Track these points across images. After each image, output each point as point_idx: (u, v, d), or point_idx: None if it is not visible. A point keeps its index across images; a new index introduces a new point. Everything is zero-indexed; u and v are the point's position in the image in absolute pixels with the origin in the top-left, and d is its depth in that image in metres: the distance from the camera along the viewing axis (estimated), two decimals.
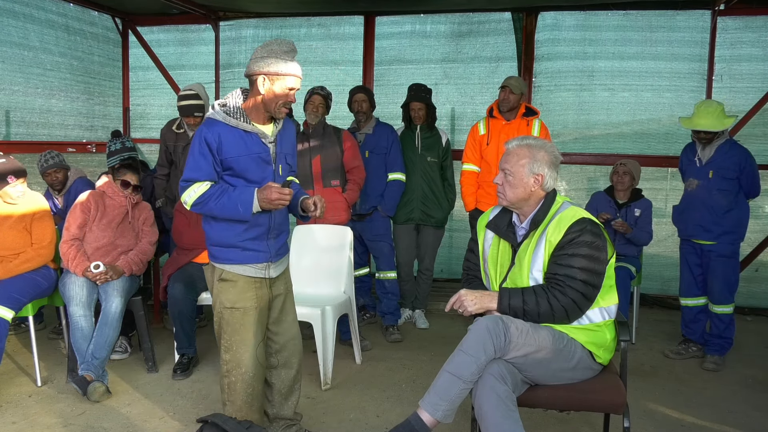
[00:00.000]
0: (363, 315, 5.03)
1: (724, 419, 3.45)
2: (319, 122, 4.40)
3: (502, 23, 5.80)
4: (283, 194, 2.61)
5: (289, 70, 2.62)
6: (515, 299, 2.53)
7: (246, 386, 2.79)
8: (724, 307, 4.27)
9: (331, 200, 4.35)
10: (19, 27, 5.52)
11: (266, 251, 2.78)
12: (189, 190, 2.66)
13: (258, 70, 2.61)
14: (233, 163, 2.65)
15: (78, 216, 3.88)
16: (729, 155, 4.15)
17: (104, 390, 3.53)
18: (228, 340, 2.78)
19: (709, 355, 4.30)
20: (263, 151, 2.70)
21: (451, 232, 5.99)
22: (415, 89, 4.87)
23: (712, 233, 4.21)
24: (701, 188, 4.25)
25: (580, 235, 2.49)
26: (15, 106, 5.61)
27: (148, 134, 6.68)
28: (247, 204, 2.62)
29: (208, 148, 2.62)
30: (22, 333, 4.62)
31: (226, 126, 2.65)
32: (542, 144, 2.66)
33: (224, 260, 2.75)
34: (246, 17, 6.33)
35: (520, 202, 2.63)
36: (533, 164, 2.60)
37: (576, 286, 2.47)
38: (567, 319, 2.52)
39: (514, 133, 4.58)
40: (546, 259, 2.54)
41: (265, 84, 2.62)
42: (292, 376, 3.01)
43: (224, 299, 2.76)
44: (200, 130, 2.66)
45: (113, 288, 3.77)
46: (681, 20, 5.49)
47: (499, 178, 2.68)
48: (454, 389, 2.39)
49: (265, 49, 2.63)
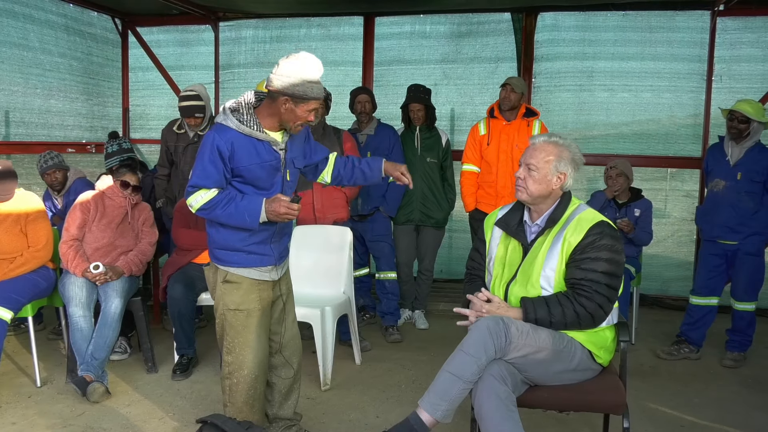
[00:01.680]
0: (363, 315, 5.03)
1: (724, 419, 3.45)
2: (319, 123, 4.40)
3: (502, 24, 5.80)
4: (291, 209, 2.58)
5: (314, 95, 2.54)
6: (541, 311, 2.51)
7: (248, 388, 2.78)
8: (747, 305, 4.27)
9: (331, 197, 4.36)
10: (19, 27, 5.52)
11: (270, 254, 2.77)
12: (196, 195, 2.61)
13: (283, 90, 2.52)
14: (244, 172, 2.62)
15: (77, 216, 3.88)
16: (759, 159, 4.15)
17: (104, 390, 3.53)
18: (231, 342, 2.76)
19: (729, 351, 4.31)
20: (274, 159, 2.66)
21: (450, 233, 5.99)
22: (414, 90, 4.87)
23: (740, 234, 4.20)
24: (728, 189, 4.22)
25: (601, 238, 2.50)
26: (14, 106, 5.61)
27: (147, 135, 6.67)
28: (254, 214, 2.59)
29: (220, 155, 2.56)
30: (22, 333, 4.61)
31: (239, 134, 2.58)
32: (568, 144, 2.66)
33: (229, 263, 2.73)
34: (245, 18, 6.32)
35: (539, 199, 2.63)
36: (559, 162, 2.60)
37: (602, 290, 2.48)
38: (593, 324, 2.53)
39: (515, 133, 4.59)
40: (563, 258, 2.54)
41: (287, 105, 2.54)
42: (292, 375, 3.01)
43: (228, 301, 2.74)
44: (212, 137, 2.57)
45: (113, 289, 3.77)
46: (680, 21, 5.49)
47: (521, 173, 2.66)
48: (454, 389, 2.39)
49: (294, 69, 2.51)
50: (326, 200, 4.36)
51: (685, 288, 5.66)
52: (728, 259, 4.31)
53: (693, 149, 5.61)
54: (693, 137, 5.61)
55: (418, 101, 4.83)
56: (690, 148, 5.62)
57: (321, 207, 4.35)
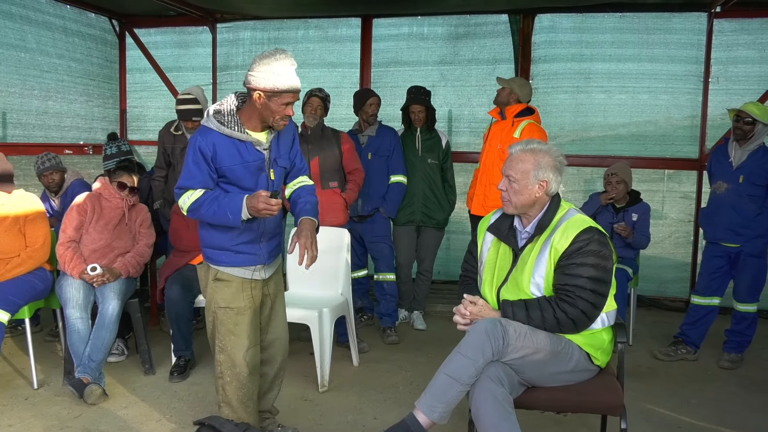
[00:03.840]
0: (360, 317, 5.03)
1: (722, 420, 3.45)
2: (318, 124, 4.40)
3: (499, 25, 5.81)
4: (270, 205, 2.59)
5: (286, 87, 2.58)
6: (519, 314, 2.51)
7: (240, 386, 2.80)
8: (749, 306, 4.28)
9: (330, 202, 4.36)
10: (16, 29, 5.52)
11: (259, 254, 2.81)
12: (183, 197, 2.69)
13: (255, 85, 2.58)
14: (227, 172, 2.67)
15: (74, 218, 3.87)
16: (761, 162, 4.15)
17: (101, 392, 3.52)
18: (222, 340, 2.79)
19: (726, 352, 4.31)
20: (258, 159, 2.70)
21: (449, 234, 5.99)
22: (415, 92, 4.88)
23: (742, 237, 4.20)
24: (730, 192, 4.23)
25: (588, 244, 2.48)
26: (12, 107, 5.60)
27: (145, 136, 6.67)
28: (236, 212, 2.62)
29: (203, 157, 2.63)
30: (19, 335, 4.60)
31: (221, 135, 2.64)
32: (546, 148, 2.63)
33: (219, 262, 2.79)
34: (243, 19, 6.33)
35: (525, 207, 2.63)
36: (538, 170, 2.57)
37: (586, 296, 2.47)
38: (575, 330, 2.52)
39: (499, 133, 4.47)
40: (550, 265, 2.53)
41: (261, 100, 2.59)
42: (274, 373, 3.05)
43: (219, 299, 2.78)
44: (195, 139, 2.65)
45: (110, 290, 3.76)
46: (677, 22, 5.50)
47: (503, 184, 2.65)
48: (451, 391, 2.39)
49: (263, 64, 2.57)
50: (326, 204, 4.35)
51: (683, 289, 5.69)
52: (731, 261, 4.31)
53: (690, 151, 5.62)
54: (690, 139, 5.62)
55: (419, 103, 4.84)
56: (687, 149, 5.64)
57: (321, 210, 4.33)
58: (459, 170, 5.76)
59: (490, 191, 4.44)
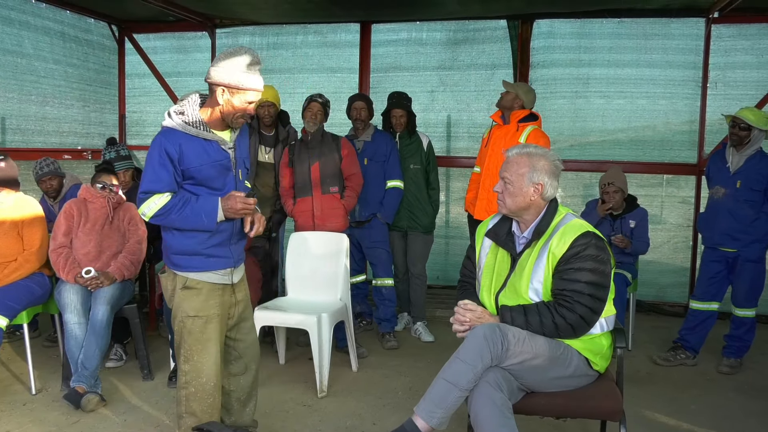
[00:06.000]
0: (359, 322, 5.02)
1: (721, 426, 3.45)
2: (318, 130, 4.40)
3: (498, 31, 5.83)
4: (247, 204, 2.61)
5: (250, 85, 2.56)
6: (518, 319, 2.51)
7: (206, 396, 2.72)
8: (747, 311, 4.27)
9: (330, 207, 4.36)
10: (14, 34, 5.52)
11: (230, 257, 2.76)
12: (149, 202, 2.58)
13: (218, 81, 2.55)
14: (195, 173, 2.61)
15: (62, 224, 3.88)
16: (758, 168, 4.15)
17: (98, 400, 3.50)
18: (188, 349, 2.71)
19: (725, 357, 4.31)
20: (224, 158, 2.67)
21: (447, 239, 6.00)
22: (397, 96, 4.91)
23: (740, 241, 4.20)
24: (728, 197, 4.23)
25: (586, 248, 2.48)
26: (10, 113, 5.60)
27: (144, 141, 6.66)
28: (211, 214, 2.60)
29: (169, 158, 2.56)
30: (17, 341, 4.59)
31: (186, 135, 2.59)
32: (543, 152, 2.63)
33: (188, 268, 2.70)
34: (242, 25, 6.34)
35: (519, 211, 2.62)
36: (533, 173, 2.58)
37: (584, 301, 2.46)
38: (574, 335, 2.51)
39: (503, 137, 4.45)
40: (549, 270, 2.53)
41: (224, 95, 2.57)
42: (250, 382, 2.98)
43: (187, 308, 2.69)
44: (159, 141, 2.57)
45: (101, 296, 3.73)
46: (675, 28, 5.52)
47: (498, 187, 2.66)
48: (450, 397, 2.39)
49: (228, 59, 2.54)
50: (326, 209, 4.36)
51: (682, 294, 5.69)
52: (729, 266, 4.31)
53: (688, 156, 5.63)
54: (689, 144, 5.63)
55: (400, 107, 4.86)
56: (686, 154, 5.65)
57: (321, 215, 4.35)
58: (458, 175, 5.77)
59: (494, 196, 4.42)
